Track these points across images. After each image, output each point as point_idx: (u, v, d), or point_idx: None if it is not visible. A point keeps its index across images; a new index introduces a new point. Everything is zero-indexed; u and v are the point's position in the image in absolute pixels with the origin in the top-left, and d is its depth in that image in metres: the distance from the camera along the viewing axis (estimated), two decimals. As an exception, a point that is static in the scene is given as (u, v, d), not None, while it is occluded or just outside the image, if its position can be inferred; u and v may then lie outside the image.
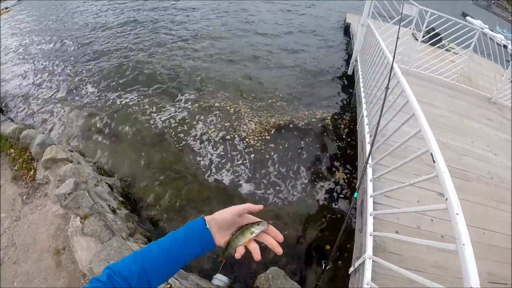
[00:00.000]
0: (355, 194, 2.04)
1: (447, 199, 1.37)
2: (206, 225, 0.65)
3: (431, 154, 1.60)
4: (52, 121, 6.08)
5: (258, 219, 0.67)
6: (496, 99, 5.47)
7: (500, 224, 2.74)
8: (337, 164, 4.94)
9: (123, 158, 4.83)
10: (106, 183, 3.87)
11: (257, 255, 0.63)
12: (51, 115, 6.29)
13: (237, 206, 0.67)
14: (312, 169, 4.79)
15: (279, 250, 0.63)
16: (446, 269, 2.11)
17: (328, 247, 3.50)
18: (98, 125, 5.70)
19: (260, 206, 0.67)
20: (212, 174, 4.52)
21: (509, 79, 5.48)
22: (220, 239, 0.66)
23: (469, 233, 2.55)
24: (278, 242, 0.65)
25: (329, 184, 4.55)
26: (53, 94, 7.07)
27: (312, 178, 4.63)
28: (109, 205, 3.36)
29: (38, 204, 3.27)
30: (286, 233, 3.68)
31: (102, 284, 0.54)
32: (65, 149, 4.03)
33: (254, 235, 0.64)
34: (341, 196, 4.37)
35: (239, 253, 0.65)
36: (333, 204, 4.23)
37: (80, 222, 2.88)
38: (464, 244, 1.25)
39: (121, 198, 3.84)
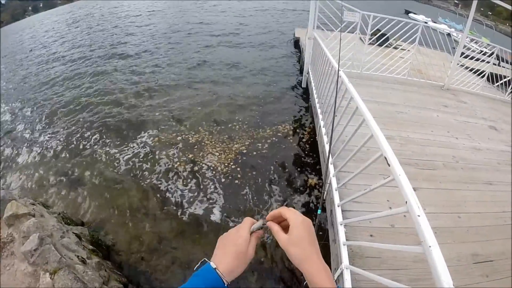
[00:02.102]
0: (318, 211, 2.00)
1: (406, 202, 1.35)
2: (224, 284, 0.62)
3: (385, 158, 1.61)
4: (10, 174, 5.72)
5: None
6: (449, 85, 5.77)
7: (473, 205, 2.81)
8: (310, 176, 4.94)
9: (90, 204, 4.59)
10: (73, 233, 3.68)
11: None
12: (8, 168, 5.93)
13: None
14: (284, 186, 4.77)
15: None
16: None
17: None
18: (60, 173, 5.41)
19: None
20: (181, 207, 4.39)
21: (457, 64, 5.84)
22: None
23: (445, 220, 2.61)
24: None
25: (305, 196, 4.54)
26: (11, 148, 6.69)
27: (287, 193, 4.62)
28: (78, 256, 3.19)
29: (6, 264, 3.06)
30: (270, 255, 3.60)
31: None
32: (27, 203, 3.81)
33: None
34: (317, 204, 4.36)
35: None
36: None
37: (50, 278, 2.75)
38: (430, 246, 1.20)
39: (91, 246, 3.66)
